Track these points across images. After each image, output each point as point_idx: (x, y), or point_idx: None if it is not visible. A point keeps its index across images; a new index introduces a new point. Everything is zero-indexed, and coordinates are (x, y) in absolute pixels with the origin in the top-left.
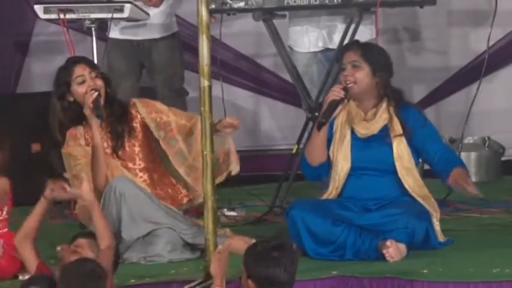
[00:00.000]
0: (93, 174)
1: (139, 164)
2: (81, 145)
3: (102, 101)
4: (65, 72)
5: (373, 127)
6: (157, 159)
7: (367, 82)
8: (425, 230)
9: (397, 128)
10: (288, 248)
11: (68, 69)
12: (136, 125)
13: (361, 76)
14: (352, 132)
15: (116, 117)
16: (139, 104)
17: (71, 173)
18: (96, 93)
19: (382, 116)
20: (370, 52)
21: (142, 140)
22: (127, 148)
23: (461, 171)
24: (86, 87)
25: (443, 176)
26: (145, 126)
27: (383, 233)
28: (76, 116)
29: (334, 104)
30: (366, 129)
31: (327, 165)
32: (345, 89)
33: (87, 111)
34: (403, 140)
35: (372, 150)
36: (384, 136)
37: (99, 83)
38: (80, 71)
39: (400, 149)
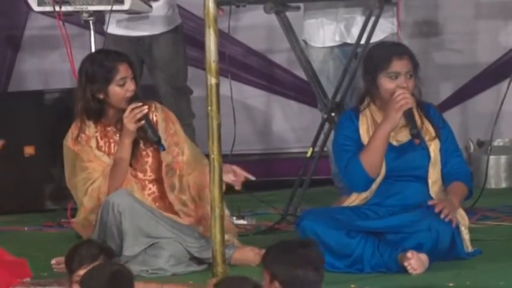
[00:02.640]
0: (110, 187)
1: (150, 176)
2: (91, 147)
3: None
4: (106, 70)
5: (409, 133)
6: None
7: (413, 90)
8: (451, 234)
9: (430, 129)
10: (313, 244)
11: (110, 67)
12: (158, 132)
13: (412, 86)
14: None
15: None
16: (161, 114)
17: (74, 171)
18: (146, 109)
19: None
20: (414, 57)
21: (156, 151)
22: (139, 157)
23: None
24: (125, 91)
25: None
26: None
27: (403, 239)
28: (97, 112)
29: (411, 111)
30: (401, 137)
31: None
32: None
33: (131, 126)
34: (438, 143)
35: (407, 157)
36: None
37: (135, 86)
38: (124, 72)
39: (436, 154)
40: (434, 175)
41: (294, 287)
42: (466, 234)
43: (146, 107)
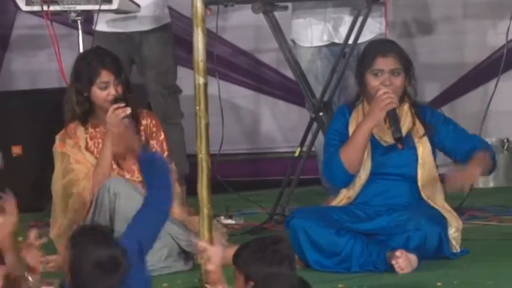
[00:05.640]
0: (94, 187)
1: (138, 177)
2: (80, 147)
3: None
4: (90, 71)
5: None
6: None
7: (401, 88)
8: (438, 235)
9: (420, 129)
10: (284, 239)
11: (94, 69)
12: (142, 138)
13: (399, 84)
14: (372, 137)
15: None
16: (153, 121)
17: (60, 174)
18: (129, 110)
19: (407, 119)
20: (404, 54)
21: None
22: (127, 158)
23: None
24: (106, 94)
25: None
26: (148, 141)
27: (391, 238)
28: (85, 111)
29: (395, 113)
30: (388, 138)
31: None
32: None
33: (113, 126)
34: (428, 143)
35: (394, 155)
36: (408, 140)
37: (121, 90)
38: (105, 76)
39: (425, 154)
40: (424, 177)
41: (270, 285)
42: (454, 233)
43: (129, 108)
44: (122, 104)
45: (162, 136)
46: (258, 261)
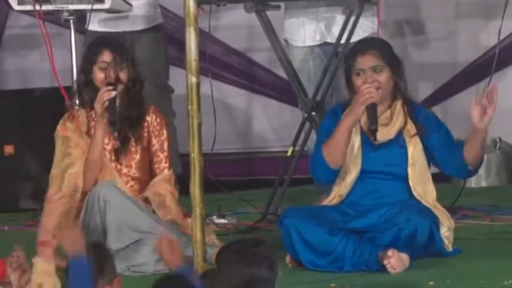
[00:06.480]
0: (85, 175)
1: (134, 173)
2: (81, 131)
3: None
4: (93, 50)
5: (390, 132)
6: (152, 174)
7: (388, 84)
8: (428, 228)
9: (412, 129)
10: (266, 242)
11: (96, 48)
12: (145, 134)
13: (384, 79)
14: (362, 134)
15: (129, 119)
16: (157, 118)
17: (60, 156)
18: (115, 93)
19: (399, 119)
20: (387, 50)
21: (144, 150)
22: (128, 153)
23: None
24: (104, 76)
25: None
26: (150, 138)
27: (383, 231)
28: (90, 96)
29: (374, 106)
30: (382, 136)
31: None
32: None
33: (97, 108)
34: (419, 142)
35: (385, 153)
36: (399, 139)
37: (123, 77)
38: (106, 56)
39: (416, 154)
40: (415, 176)
41: (249, 286)
42: (446, 232)
43: (115, 92)
44: (110, 88)
45: (164, 136)
46: (237, 262)
